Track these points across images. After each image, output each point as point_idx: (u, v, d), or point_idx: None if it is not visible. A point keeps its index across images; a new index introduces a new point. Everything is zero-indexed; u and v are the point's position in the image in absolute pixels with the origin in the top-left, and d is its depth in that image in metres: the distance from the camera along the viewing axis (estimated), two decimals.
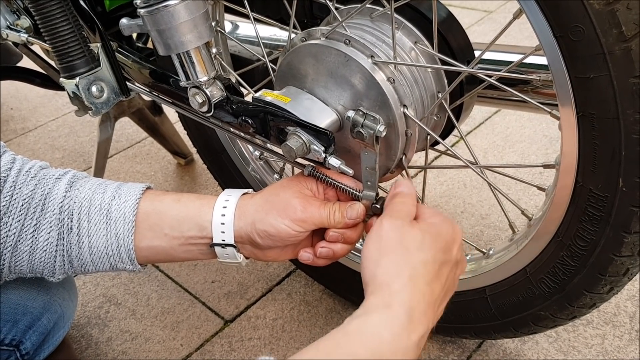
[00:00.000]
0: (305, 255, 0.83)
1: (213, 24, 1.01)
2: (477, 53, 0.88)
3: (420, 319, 0.65)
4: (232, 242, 0.79)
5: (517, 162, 1.61)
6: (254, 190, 0.85)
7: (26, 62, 1.65)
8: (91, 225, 0.78)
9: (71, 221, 0.78)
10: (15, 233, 0.76)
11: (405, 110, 0.78)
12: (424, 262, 0.69)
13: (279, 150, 0.83)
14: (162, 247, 0.81)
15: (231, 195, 0.81)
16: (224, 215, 0.79)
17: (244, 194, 0.82)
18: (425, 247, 0.70)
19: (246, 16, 0.95)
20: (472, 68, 0.78)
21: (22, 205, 0.77)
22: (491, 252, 0.96)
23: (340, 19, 0.79)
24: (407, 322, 0.63)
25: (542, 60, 0.82)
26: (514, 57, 0.87)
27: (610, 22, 0.59)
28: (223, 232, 0.79)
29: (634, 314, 1.16)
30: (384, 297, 0.65)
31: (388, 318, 0.63)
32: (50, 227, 0.78)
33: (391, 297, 0.65)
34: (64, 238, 0.78)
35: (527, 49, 0.88)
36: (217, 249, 0.80)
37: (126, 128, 2.03)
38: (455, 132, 0.93)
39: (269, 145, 0.89)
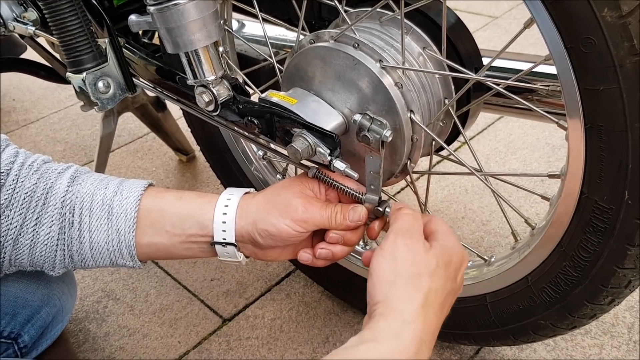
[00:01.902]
0: (305, 256, 0.83)
1: (221, 22, 1.01)
2: (484, 60, 0.88)
3: (426, 351, 0.65)
4: (233, 240, 0.79)
5: (519, 169, 1.61)
6: (256, 190, 0.85)
7: (29, 53, 1.65)
8: (92, 220, 0.78)
9: (73, 216, 0.78)
10: (16, 226, 0.76)
11: (412, 115, 0.78)
12: (435, 290, 0.69)
13: (284, 151, 0.82)
14: (162, 244, 0.81)
15: (233, 194, 0.81)
16: (225, 214, 0.79)
17: (246, 193, 0.82)
18: (437, 275, 0.70)
19: (254, 16, 0.95)
20: (480, 76, 0.78)
21: (24, 198, 0.76)
22: (493, 259, 0.96)
23: (349, 22, 0.79)
24: (415, 354, 0.63)
25: (551, 70, 0.82)
26: (522, 66, 0.88)
27: (622, 35, 0.59)
28: (224, 231, 0.79)
29: (632, 324, 1.16)
30: (396, 325, 0.65)
31: (398, 349, 0.63)
32: (52, 221, 0.78)
33: (403, 326, 0.65)
34: (65, 232, 0.78)
35: (534, 57, 0.88)
36: (217, 247, 0.80)
37: (128, 123, 2.02)
38: (458, 137, 0.93)
39: (273, 146, 0.89)
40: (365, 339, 0.64)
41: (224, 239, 0.79)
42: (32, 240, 0.78)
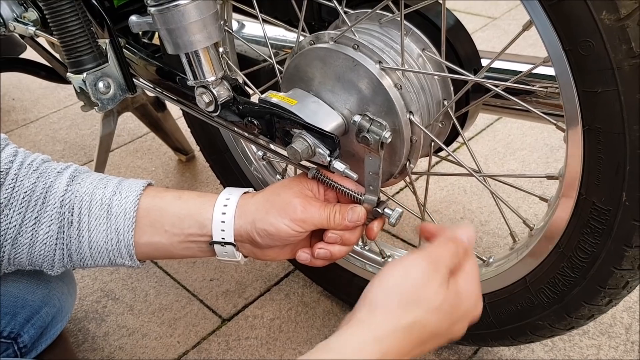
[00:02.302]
0: (303, 256, 0.83)
1: (221, 23, 1.01)
2: (483, 61, 0.88)
3: None
4: (232, 240, 0.80)
5: (518, 169, 1.61)
6: (255, 190, 0.85)
7: (29, 53, 1.65)
8: (91, 219, 0.79)
9: (72, 215, 0.78)
10: (15, 225, 0.77)
11: (411, 116, 0.79)
12: (423, 325, 0.65)
13: (284, 152, 0.83)
14: (161, 243, 0.81)
15: (232, 194, 0.82)
16: (224, 213, 0.79)
17: (245, 192, 0.83)
18: (436, 313, 0.65)
19: (254, 16, 0.95)
20: (479, 77, 0.78)
21: (24, 198, 0.77)
22: (491, 260, 0.96)
23: (349, 24, 0.79)
24: None
25: (549, 72, 0.83)
26: (521, 67, 0.88)
27: (620, 38, 0.59)
28: (223, 230, 0.79)
29: (630, 325, 1.16)
30: (366, 339, 0.63)
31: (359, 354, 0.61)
32: (51, 220, 0.78)
33: (372, 343, 0.62)
34: (64, 232, 0.78)
35: (533, 59, 0.89)
36: (216, 247, 0.81)
37: (128, 122, 2.02)
38: (457, 138, 0.93)
39: (272, 146, 0.89)
40: (329, 347, 0.62)
41: (223, 238, 0.80)
42: (31, 239, 0.78)
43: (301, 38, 0.85)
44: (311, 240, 0.84)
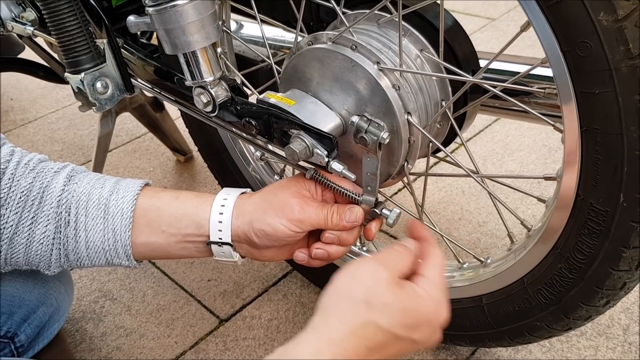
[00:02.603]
0: (301, 256, 0.83)
1: (219, 23, 1.01)
2: (482, 62, 0.88)
3: None
4: (229, 240, 0.80)
5: (516, 170, 1.61)
6: (253, 190, 0.85)
7: (28, 53, 1.65)
8: (88, 219, 0.78)
9: (69, 215, 0.78)
10: (12, 225, 0.76)
11: (409, 117, 0.79)
12: (377, 326, 0.63)
13: (282, 153, 0.83)
14: (158, 243, 0.81)
15: (229, 194, 0.82)
16: (221, 213, 0.79)
17: (243, 193, 0.83)
18: (388, 313, 0.64)
19: (252, 17, 0.95)
20: (478, 78, 0.78)
21: (20, 197, 0.76)
22: (489, 260, 0.96)
23: (347, 24, 0.79)
24: None
25: (547, 73, 0.83)
26: (519, 68, 0.88)
27: (618, 39, 0.59)
28: (220, 231, 0.79)
29: (627, 326, 1.16)
30: (321, 342, 0.62)
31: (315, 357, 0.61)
32: (48, 220, 0.78)
33: (326, 345, 0.61)
34: (61, 232, 0.78)
35: (531, 60, 0.89)
36: (213, 247, 0.81)
37: (126, 123, 2.02)
38: (455, 139, 0.93)
39: (270, 147, 0.89)
40: (288, 351, 0.62)
41: (220, 238, 0.80)
42: (27, 239, 0.78)
43: (299, 38, 0.85)
44: (309, 241, 0.84)
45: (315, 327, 0.63)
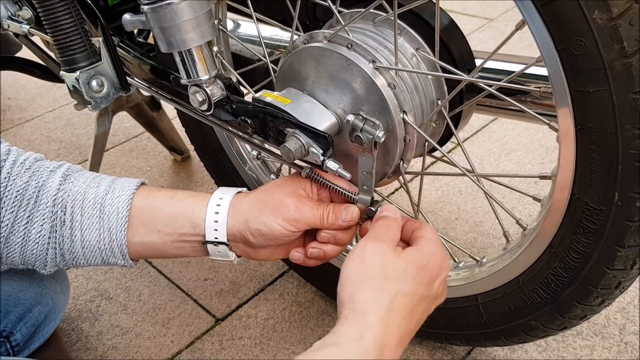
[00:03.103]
0: (296, 255, 0.83)
1: (215, 22, 1.01)
2: (478, 62, 0.88)
3: (390, 354, 0.64)
4: (225, 240, 0.80)
5: (513, 170, 1.62)
6: (249, 189, 0.85)
7: (25, 52, 1.65)
8: (84, 219, 0.78)
9: (64, 214, 0.78)
10: (7, 224, 0.76)
11: (405, 116, 0.79)
12: (403, 294, 0.67)
13: (277, 151, 0.83)
14: (154, 242, 0.81)
15: (225, 194, 0.82)
16: (217, 213, 0.79)
17: (238, 192, 0.83)
18: (407, 278, 0.68)
19: (249, 16, 0.95)
20: (473, 77, 0.78)
21: (16, 196, 0.76)
22: (484, 260, 0.96)
23: (343, 23, 0.79)
24: (377, 357, 0.63)
25: (542, 71, 0.83)
26: (515, 67, 0.88)
27: (612, 38, 0.59)
28: (216, 230, 0.79)
29: (623, 326, 1.16)
30: (358, 328, 0.64)
31: (358, 353, 0.62)
32: (43, 219, 0.78)
33: (365, 329, 0.64)
34: (56, 231, 0.78)
35: (527, 59, 0.89)
36: (209, 246, 0.81)
37: (123, 122, 2.02)
38: (452, 138, 0.93)
39: (266, 146, 0.89)
40: (327, 342, 0.63)
41: (216, 238, 0.80)
42: (23, 238, 0.78)
43: (295, 37, 0.85)
44: (305, 240, 0.84)
45: (349, 318, 0.65)
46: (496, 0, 2.60)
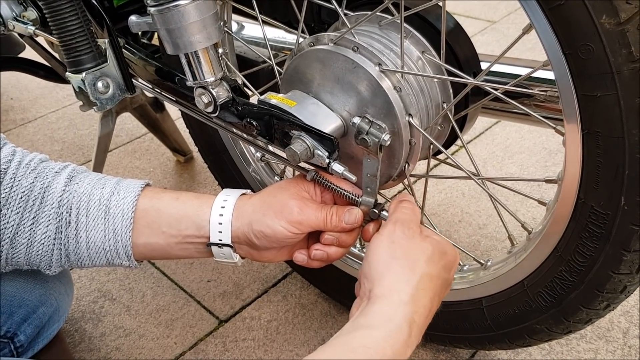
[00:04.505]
0: (300, 257, 0.83)
1: (221, 24, 1.01)
2: (483, 65, 0.88)
3: (418, 334, 0.67)
4: (229, 242, 0.80)
5: (517, 173, 1.61)
6: (253, 191, 0.85)
7: (28, 52, 1.65)
8: (89, 220, 0.78)
9: (69, 215, 0.78)
10: (13, 225, 0.76)
11: (410, 119, 0.78)
12: (430, 276, 0.71)
13: (282, 154, 0.83)
14: (159, 244, 0.81)
15: (229, 196, 0.82)
16: (221, 215, 0.79)
17: (243, 194, 0.83)
18: (434, 261, 0.72)
19: (254, 18, 0.95)
20: (479, 80, 0.78)
21: (21, 197, 0.76)
22: (489, 263, 0.96)
23: (349, 26, 0.79)
24: (407, 337, 0.65)
25: (549, 75, 0.83)
26: (521, 71, 0.88)
27: (620, 42, 0.59)
28: (220, 232, 0.80)
29: (627, 329, 1.16)
30: (391, 307, 0.67)
31: (392, 333, 0.65)
32: (49, 220, 0.78)
33: (398, 307, 0.67)
34: (61, 232, 0.78)
35: (532, 63, 0.89)
36: (213, 248, 0.81)
37: (126, 123, 2.02)
38: (456, 141, 0.93)
39: (271, 148, 0.89)
40: (359, 325, 0.66)
41: (220, 240, 0.80)
42: (28, 239, 0.78)
43: (301, 39, 0.85)
44: (308, 242, 0.84)
45: (381, 297, 0.68)
46: (499, 2, 2.60)
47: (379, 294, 0.68)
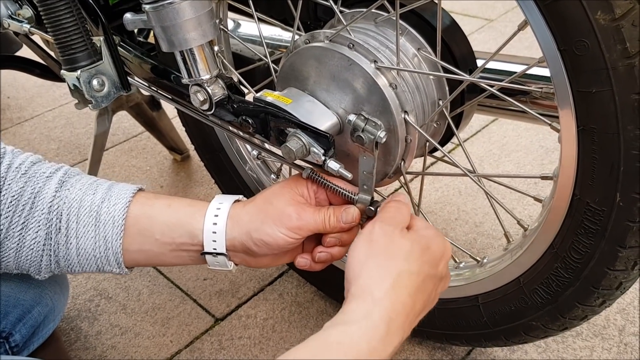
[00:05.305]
0: (302, 261, 0.83)
1: (216, 21, 1.01)
2: (479, 62, 0.88)
3: (397, 330, 0.66)
4: (224, 251, 0.79)
5: (513, 171, 1.62)
6: (245, 195, 0.85)
7: (24, 51, 1.64)
8: (80, 226, 0.78)
9: (60, 221, 0.78)
10: (2, 229, 0.76)
11: (406, 116, 0.78)
12: (409, 272, 0.69)
13: (278, 151, 0.83)
14: (152, 251, 0.81)
15: (222, 203, 0.81)
16: (215, 224, 0.79)
17: (236, 201, 0.82)
18: (413, 257, 0.71)
19: (250, 15, 0.95)
20: (475, 77, 0.78)
21: (11, 202, 0.76)
22: (485, 260, 0.96)
23: (344, 23, 0.79)
24: (385, 335, 0.64)
25: (544, 72, 0.83)
26: (516, 68, 0.88)
27: (615, 38, 0.59)
28: (214, 241, 0.79)
29: (623, 327, 1.16)
30: (366, 305, 0.66)
31: (367, 330, 0.64)
32: (39, 226, 0.77)
33: (373, 305, 0.66)
34: (51, 238, 0.78)
35: (528, 60, 0.89)
36: (207, 257, 0.80)
37: (123, 122, 2.02)
38: (452, 139, 0.93)
39: (267, 146, 0.89)
40: (336, 322, 0.65)
41: (215, 249, 0.79)
42: (18, 244, 0.77)
43: (296, 37, 0.85)
44: (304, 244, 0.84)
45: (356, 295, 0.67)
46: (496, 1, 2.60)
47: (354, 293, 0.68)
